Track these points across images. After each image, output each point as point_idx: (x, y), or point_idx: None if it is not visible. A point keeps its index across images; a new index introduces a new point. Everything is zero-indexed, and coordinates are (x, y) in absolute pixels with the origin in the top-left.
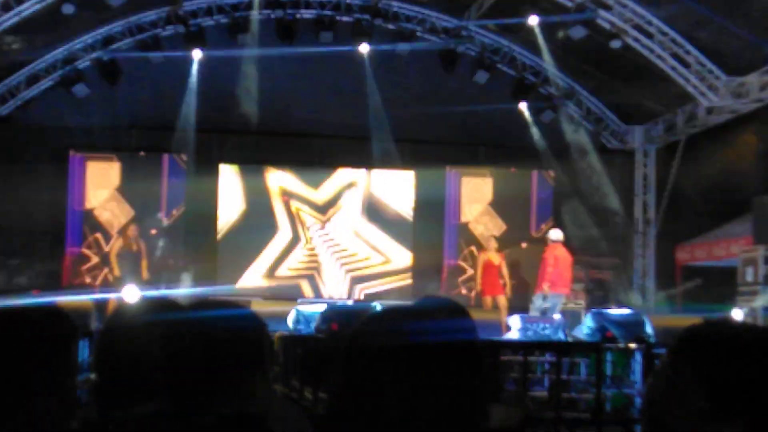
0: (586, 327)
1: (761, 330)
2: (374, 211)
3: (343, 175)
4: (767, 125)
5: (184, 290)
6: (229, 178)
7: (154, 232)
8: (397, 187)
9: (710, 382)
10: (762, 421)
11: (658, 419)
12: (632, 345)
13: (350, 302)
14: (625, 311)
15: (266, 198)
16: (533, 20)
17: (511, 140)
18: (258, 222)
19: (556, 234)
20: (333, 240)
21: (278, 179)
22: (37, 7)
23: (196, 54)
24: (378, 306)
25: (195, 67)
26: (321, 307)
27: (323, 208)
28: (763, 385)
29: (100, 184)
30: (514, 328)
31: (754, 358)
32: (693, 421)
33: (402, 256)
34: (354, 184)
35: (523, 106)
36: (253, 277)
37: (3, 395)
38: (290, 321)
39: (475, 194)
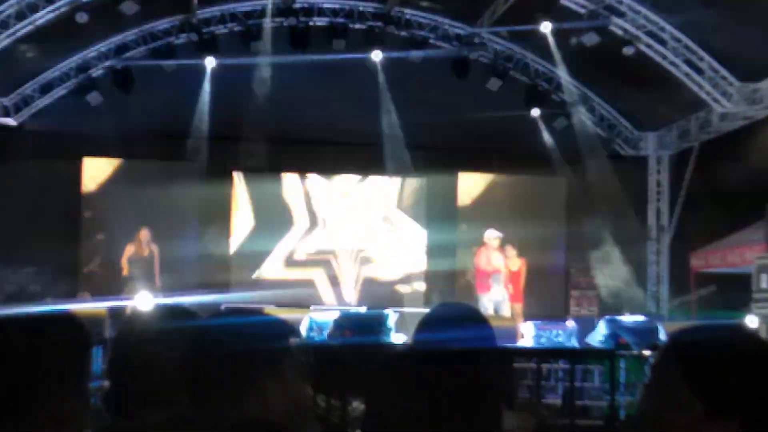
0: (599, 334)
1: (746, 331)
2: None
3: (353, 181)
4: None
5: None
6: (242, 185)
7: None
8: (410, 192)
9: (701, 385)
10: (755, 422)
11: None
12: (646, 352)
13: (363, 309)
14: (639, 318)
15: (280, 201)
16: (546, 27)
17: (523, 147)
18: (272, 225)
19: (492, 234)
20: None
21: (292, 184)
22: (51, 16)
23: (209, 62)
24: (392, 313)
25: (208, 75)
26: (334, 315)
27: (338, 201)
28: (753, 385)
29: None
30: (528, 335)
31: (742, 360)
32: (688, 425)
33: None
34: (362, 190)
35: (535, 113)
36: (272, 267)
37: (17, 403)
38: (303, 328)
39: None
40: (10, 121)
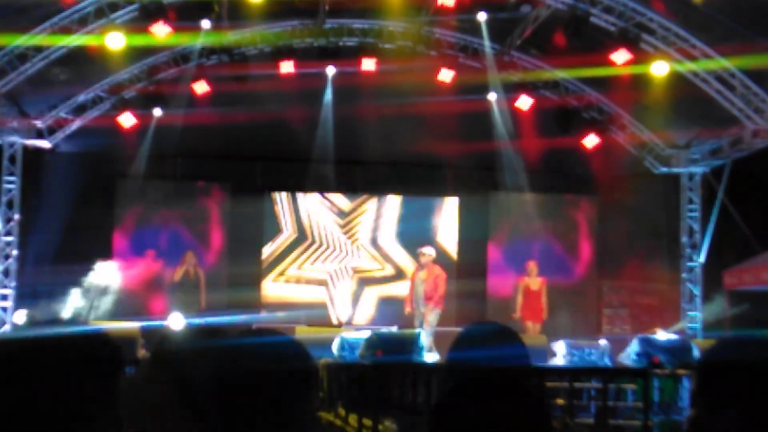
0: (632, 353)
1: None
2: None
3: (378, 200)
4: None
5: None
6: (274, 205)
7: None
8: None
9: (740, 399)
10: None
11: None
12: (680, 371)
13: (395, 329)
14: (672, 336)
15: (307, 221)
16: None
17: (555, 166)
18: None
19: (428, 251)
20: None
21: (313, 203)
22: (84, 40)
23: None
24: (423, 332)
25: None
26: (365, 334)
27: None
28: None
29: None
30: (559, 354)
31: None
32: None
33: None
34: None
35: (566, 131)
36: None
37: (49, 424)
38: (335, 348)
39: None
40: (45, 143)
